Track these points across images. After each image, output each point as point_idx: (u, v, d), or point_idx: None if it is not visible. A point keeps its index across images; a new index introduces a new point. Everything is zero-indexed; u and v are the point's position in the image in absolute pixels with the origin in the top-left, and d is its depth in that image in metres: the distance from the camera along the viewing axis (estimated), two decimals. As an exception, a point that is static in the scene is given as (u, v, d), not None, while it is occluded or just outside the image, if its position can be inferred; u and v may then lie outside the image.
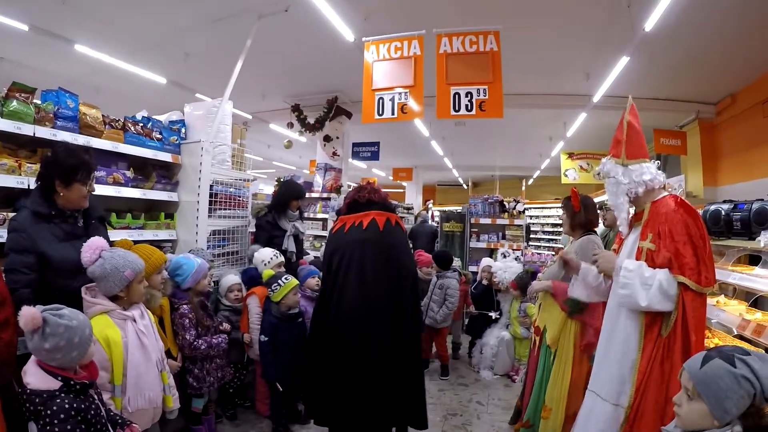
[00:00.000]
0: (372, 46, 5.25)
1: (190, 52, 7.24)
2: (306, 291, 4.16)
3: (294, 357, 3.68)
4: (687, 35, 5.95)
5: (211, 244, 4.40)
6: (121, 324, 2.34)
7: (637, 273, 2.23)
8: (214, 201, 4.39)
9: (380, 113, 5.12)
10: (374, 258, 3.11)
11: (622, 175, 2.50)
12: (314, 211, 8.57)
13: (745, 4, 5.25)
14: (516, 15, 5.69)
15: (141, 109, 4.36)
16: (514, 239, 7.61)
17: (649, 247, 2.32)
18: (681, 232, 2.23)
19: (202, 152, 4.23)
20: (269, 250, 4.23)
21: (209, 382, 3.36)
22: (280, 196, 4.89)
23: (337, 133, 9.64)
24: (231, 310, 3.92)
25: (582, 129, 10.51)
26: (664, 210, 2.34)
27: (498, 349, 5.33)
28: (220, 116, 4.51)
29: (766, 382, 1.43)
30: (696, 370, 1.54)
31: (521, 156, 15.76)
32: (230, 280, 3.97)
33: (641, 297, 2.19)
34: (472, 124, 10.54)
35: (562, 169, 12.81)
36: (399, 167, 17.35)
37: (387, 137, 11.96)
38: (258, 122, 11.13)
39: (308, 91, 9.15)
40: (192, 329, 3.24)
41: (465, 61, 4.91)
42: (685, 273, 2.15)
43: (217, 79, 4.89)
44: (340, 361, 3.04)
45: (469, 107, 4.84)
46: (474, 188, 23.69)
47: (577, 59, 7.23)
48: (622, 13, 5.31)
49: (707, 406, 1.48)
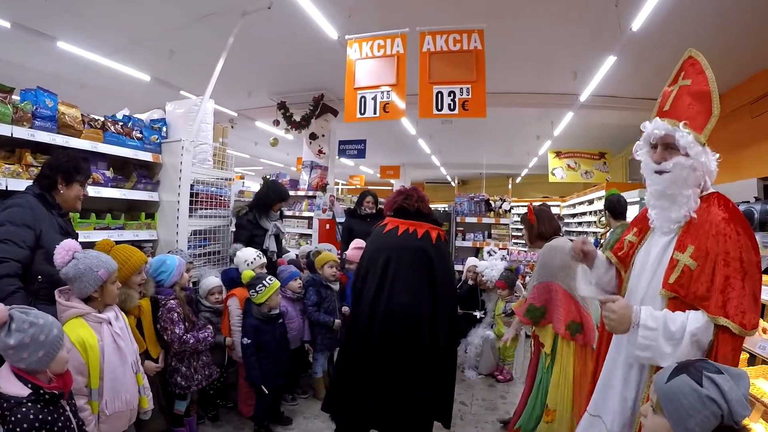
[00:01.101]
0: (355, 44, 5.25)
1: (175, 49, 7.20)
2: (287, 292, 4.15)
3: (277, 358, 3.69)
4: (675, 35, 6.01)
5: (192, 244, 4.38)
6: (96, 327, 2.32)
7: (660, 331, 1.74)
8: (195, 201, 4.37)
9: (362, 112, 5.12)
10: (423, 265, 3.25)
11: (704, 155, 1.88)
12: (300, 209, 8.53)
13: (734, 5, 5.31)
14: (503, 14, 5.71)
15: (126, 106, 4.35)
16: (500, 238, 7.59)
17: (689, 263, 1.80)
18: (734, 257, 1.72)
19: (182, 151, 4.20)
20: (252, 251, 4.20)
21: (197, 380, 3.35)
22: (264, 197, 4.87)
23: (323, 131, 9.62)
24: (212, 311, 3.88)
25: (569, 128, 10.58)
26: (713, 219, 1.82)
27: (482, 348, 5.32)
28: (201, 115, 4.47)
29: (735, 405, 1.34)
30: (661, 383, 1.46)
31: (509, 154, 15.85)
32: (211, 283, 3.91)
33: (665, 356, 1.72)
34: (459, 122, 10.57)
35: (550, 168, 12.91)
36: (386, 165, 17.36)
37: (374, 135, 11.96)
38: (244, 120, 11.11)
39: (294, 88, 9.14)
40: (181, 323, 3.23)
41: (448, 59, 4.90)
42: (729, 313, 1.67)
43: (201, 77, 4.86)
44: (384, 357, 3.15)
45: (452, 106, 4.83)
46: (462, 186, 23.77)
47: (564, 58, 7.28)
48: (610, 12, 5.36)
49: (669, 422, 1.42)
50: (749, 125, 7.54)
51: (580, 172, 12.66)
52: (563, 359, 3.34)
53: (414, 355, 3.14)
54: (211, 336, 3.43)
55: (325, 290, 4.40)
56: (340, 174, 20.45)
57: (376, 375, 3.15)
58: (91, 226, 3.56)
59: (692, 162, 1.85)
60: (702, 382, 1.37)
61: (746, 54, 6.63)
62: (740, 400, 1.35)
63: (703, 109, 1.89)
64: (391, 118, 5.08)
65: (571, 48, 6.80)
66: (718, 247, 1.74)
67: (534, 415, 3.46)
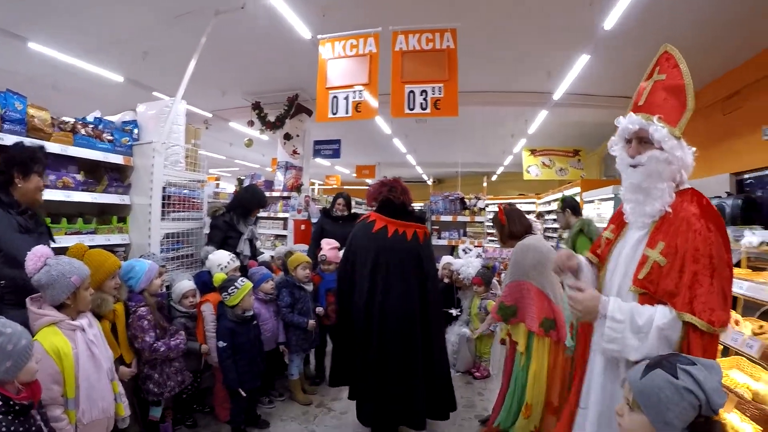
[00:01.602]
0: (327, 44, 5.25)
1: (149, 49, 7.09)
2: (259, 294, 4.12)
3: (252, 360, 3.68)
4: (647, 34, 6.10)
5: (164, 247, 4.32)
6: (70, 335, 2.29)
7: (627, 323, 1.76)
8: (168, 203, 4.32)
9: (334, 112, 5.11)
10: (415, 268, 3.52)
11: (679, 151, 1.89)
12: (275, 210, 8.50)
13: (706, 6, 5.44)
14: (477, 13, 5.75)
15: (99, 108, 4.28)
16: (475, 236, 7.67)
17: (659, 260, 1.81)
18: (704, 254, 1.72)
19: (154, 153, 4.15)
20: (225, 254, 4.16)
21: (170, 386, 3.30)
22: (244, 202, 4.83)
23: (298, 131, 9.56)
24: (187, 316, 3.82)
25: (543, 126, 10.74)
26: (685, 215, 1.82)
27: (459, 346, 5.36)
28: (173, 116, 4.42)
29: (712, 394, 1.36)
30: (636, 380, 1.47)
31: (484, 152, 15.99)
32: (184, 287, 3.83)
33: (632, 349, 1.74)
34: (434, 121, 10.62)
35: (525, 166, 13.05)
36: (362, 164, 17.36)
37: (349, 135, 11.95)
38: (219, 120, 11.00)
39: (269, 88, 9.09)
40: (151, 331, 3.18)
41: (421, 58, 4.93)
42: (696, 310, 1.68)
43: (175, 78, 4.81)
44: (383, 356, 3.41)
45: (424, 105, 4.85)
46: (438, 185, 23.90)
47: (538, 57, 7.36)
48: (584, 11, 5.43)
49: (648, 418, 1.42)
50: (721, 122, 7.74)
51: (554, 169, 12.83)
52: (538, 356, 3.40)
53: (411, 355, 3.40)
54: (183, 343, 3.38)
55: (299, 291, 4.39)
56: (316, 174, 20.39)
57: (377, 372, 3.40)
58: (62, 231, 3.50)
59: (667, 155, 1.86)
60: (677, 375, 1.39)
61: (718, 53, 6.80)
62: (717, 389, 1.37)
63: (678, 103, 1.91)
64: (363, 117, 5.08)
65: (545, 47, 6.88)
66: (687, 243, 1.75)
67: (512, 412, 3.52)
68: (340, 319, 3.83)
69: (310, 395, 4.53)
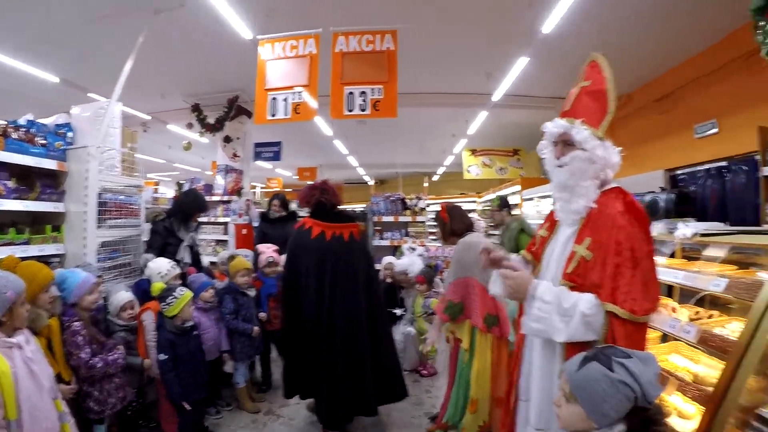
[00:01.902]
0: (267, 44, 5.21)
1: (85, 48, 6.69)
2: (199, 303, 4.02)
3: (195, 371, 3.59)
4: (585, 38, 6.33)
5: (102, 256, 4.11)
6: (7, 353, 2.15)
7: (554, 305, 1.85)
8: (104, 210, 4.13)
9: (273, 114, 5.07)
10: (355, 264, 3.76)
11: (602, 149, 2.00)
12: (215, 214, 8.31)
13: (641, 12, 5.69)
14: (418, 15, 5.75)
15: (33, 110, 4.04)
16: (417, 236, 7.79)
17: (585, 254, 1.91)
18: (625, 247, 1.82)
19: (89, 158, 3.96)
20: (165, 261, 4.04)
21: (111, 404, 3.17)
22: (184, 207, 4.71)
23: (238, 134, 9.34)
24: (127, 329, 3.63)
25: (483, 126, 10.93)
26: (609, 211, 1.92)
27: (404, 345, 5.41)
28: (108, 118, 4.24)
29: (647, 386, 1.41)
30: (572, 372, 1.51)
31: (426, 153, 16.12)
32: (122, 299, 3.63)
33: (558, 331, 1.84)
34: (375, 123, 10.64)
35: (465, 165, 13.23)
36: (304, 167, 17.17)
37: (290, 136, 11.76)
38: (158, 123, 10.53)
39: (209, 90, 8.80)
40: (86, 347, 3.03)
41: (361, 60, 4.96)
42: (618, 299, 1.77)
43: (112, 78, 4.60)
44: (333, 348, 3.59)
45: (364, 107, 4.89)
46: (380, 186, 23.95)
47: (479, 59, 7.46)
48: (523, 15, 5.56)
49: (584, 410, 1.46)
50: (655, 121, 8.18)
51: (495, 168, 13.09)
52: (481, 352, 3.50)
53: (361, 352, 3.62)
54: (122, 358, 3.24)
55: (242, 297, 4.34)
56: (258, 177, 20.02)
57: (330, 372, 3.58)
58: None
59: (589, 155, 1.97)
60: (613, 368, 1.43)
61: (652, 57, 7.17)
62: (651, 381, 1.42)
63: (600, 107, 2.04)
64: (302, 119, 5.06)
65: (485, 49, 7.00)
66: (611, 238, 1.84)
67: (459, 408, 3.62)
68: (288, 329, 3.85)
69: (258, 403, 4.47)
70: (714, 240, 3.04)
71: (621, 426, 1.42)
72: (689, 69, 7.10)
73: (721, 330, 2.66)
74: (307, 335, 3.66)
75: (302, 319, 3.68)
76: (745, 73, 5.88)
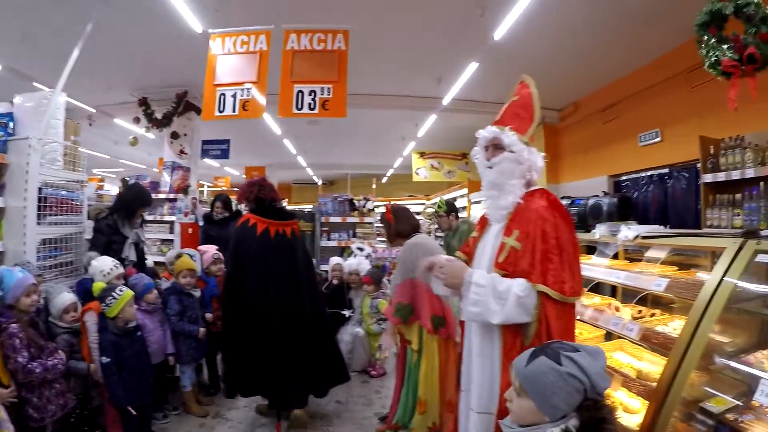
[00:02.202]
0: (218, 39, 5.14)
1: (30, 35, 6.26)
2: (142, 304, 3.89)
3: (140, 374, 3.49)
4: (535, 46, 6.51)
5: (42, 254, 3.93)
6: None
7: (489, 288, 2.01)
8: (44, 206, 3.94)
9: (221, 110, 5.01)
10: (299, 259, 3.99)
11: (526, 154, 2.22)
12: (161, 213, 8.06)
13: (590, 23, 5.91)
14: (371, 17, 5.77)
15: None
16: (365, 236, 7.81)
17: (514, 245, 2.10)
18: (551, 236, 2.03)
19: (30, 150, 3.77)
20: (109, 260, 3.88)
21: (51, 411, 3.02)
22: (126, 202, 4.54)
23: (186, 130, 9.06)
24: (70, 332, 3.45)
25: (432, 130, 11.02)
26: (534, 206, 2.12)
27: (353, 345, 5.43)
28: (52, 109, 4.06)
29: (596, 378, 1.45)
30: (521, 367, 1.55)
31: (375, 155, 16.15)
32: (64, 300, 3.43)
33: (494, 313, 1.99)
34: (325, 123, 10.61)
35: (414, 168, 13.36)
36: (252, 166, 16.85)
37: (239, 135, 11.52)
38: (104, 117, 10.04)
39: (157, 84, 8.46)
40: (24, 351, 2.87)
41: (311, 59, 4.95)
42: (548, 281, 1.96)
43: (59, 68, 4.38)
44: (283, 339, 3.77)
45: (312, 106, 4.88)
46: (330, 186, 23.86)
47: (430, 63, 7.53)
48: (475, 20, 5.63)
49: (534, 403, 1.50)
50: (601, 130, 8.55)
51: (443, 171, 13.26)
52: (429, 353, 3.55)
53: (308, 343, 3.85)
54: (62, 363, 3.09)
55: (187, 298, 4.24)
56: (205, 176, 19.50)
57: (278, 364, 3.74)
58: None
59: (516, 156, 2.20)
60: (560, 361, 1.48)
61: (599, 67, 7.47)
62: (599, 373, 1.47)
63: (527, 116, 2.29)
64: (250, 116, 5.02)
65: (437, 53, 7.08)
66: (537, 228, 2.04)
67: (408, 409, 3.66)
68: (230, 325, 3.92)
69: (205, 406, 4.36)
70: (655, 242, 3.17)
71: (574, 420, 1.45)
72: (634, 81, 7.49)
73: (664, 328, 2.78)
74: (251, 329, 3.76)
75: (247, 314, 3.77)
76: (687, 87, 6.28)
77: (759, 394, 1.92)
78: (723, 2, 2.77)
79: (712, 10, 2.82)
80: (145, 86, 8.62)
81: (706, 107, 5.92)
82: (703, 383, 2.25)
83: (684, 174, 6.59)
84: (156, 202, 7.76)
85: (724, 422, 2.06)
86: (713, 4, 2.82)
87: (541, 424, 1.51)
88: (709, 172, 4.83)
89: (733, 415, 2.07)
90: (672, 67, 6.50)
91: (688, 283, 2.60)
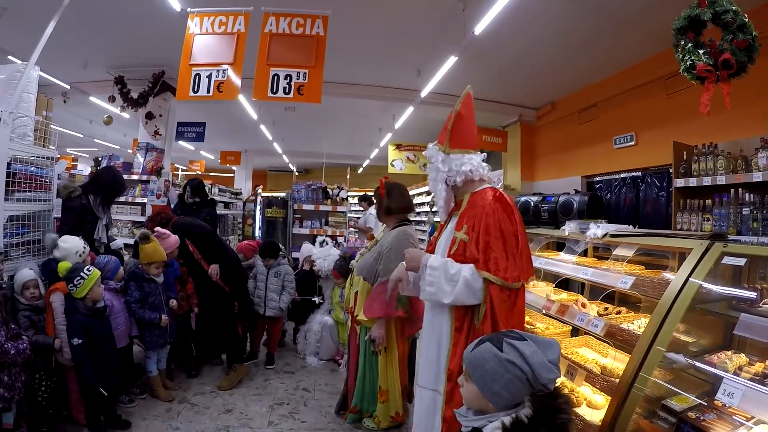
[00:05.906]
0: (196, 18, 5.07)
1: (7, 5, 6.06)
2: (110, 283, 3.85)
3: (110, 355, 3.45)
4: (515, 44, 6.58)
5: (8, 231, 3.80)
6: None
7: (442, 270, 2.26)
8: (12, 182, 3.81)
9: (195, 90, 4.94)
10: None
11: (441, 163, 2.51)
12: (133, 194, 7.92)
13: (571, 25, 5.98)
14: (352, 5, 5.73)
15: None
16: (337, 225, 7.84)
17: (463, 238, 2.34)
18: (494, 227, 2.24)
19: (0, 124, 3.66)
20: (80, 240, 3.82)
21: (18, 388, 2.96)
22: (106, 186, 4.50)
23: (161, 111, 8.85)
24: (32, 309, 3.40)
25: (409, 122, 11.02)
26: (481, 202, 2.36)
27: (322, 334, 5.43)
28: (24, 83, 3.91)
29: (538, 368, 1.46)
30: (468, 352, 1.61)
31: (352, 145, 16.13)
32: (24, 276, 3.40)
33: (446, 294, 2.23)
34: (303, 110, 10.55)
35: (390, 159, 13.33)
36: (227, 150, 16.64)
37: (215, 118, 11.38)
38: (78, 94, 9.75)
39: (134, 62, 8.25)
40: (1, 330, 2.84)
41: (289, 42, 4.93)
42: (491, 269, 2.19)
43: (34, 42, 4.25)
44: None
45: (287, 90, 4.86)
46: (305, 175, 23.73)
47: (410, 55, 7.52)
48: (456, 14, 5.66)
49: (476, 387, 1.55)
50: (577, 131, 8.70)
51: (418, 164, 13.25)
52: (390, 344, 3.64)
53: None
54: (28, 349, 3.02)
55: (149, 284, 4.15)
56: (180, 159, 19.19)
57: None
58: None
59: (435, 166, 2.54)
60: (502, 348, 1.52)
61: (577, 69, 7.58)
62: (543, 363, 1.48)
63: (445, 126, 2.59)
64: (225, 98, 4.95)
65: (417, 45, 7.06)
66: (481, 221, 2.28)
67: (366, 395, 3.77)
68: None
69: (171, 391, 4.35)
70: (624, 240, 3.24)
71: (526, 410, 1.46)
72: (612, 84, 7.63)
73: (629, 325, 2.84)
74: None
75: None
76: (664, 94, 6.44)
77: (721, 394, 1.99)
78: (702, 8, 2.81)
79: (691, 16, 2.87)
80: (122, 64, 8.40)
81: (681, 114, 6.09)
82: (666, 381, 2.30)
83: (656, 178, 6.72)
84: (129, 183, 7.61)
85: (686, 420, 2.13)
86: (692, 9, 2.88)
87: (489, 411, 1.55)
88: (681, 177, 4.95)
89: (696, 414, 2.14)
90: (650, 73, 6.65)
91: (653, 281, 2.67)
